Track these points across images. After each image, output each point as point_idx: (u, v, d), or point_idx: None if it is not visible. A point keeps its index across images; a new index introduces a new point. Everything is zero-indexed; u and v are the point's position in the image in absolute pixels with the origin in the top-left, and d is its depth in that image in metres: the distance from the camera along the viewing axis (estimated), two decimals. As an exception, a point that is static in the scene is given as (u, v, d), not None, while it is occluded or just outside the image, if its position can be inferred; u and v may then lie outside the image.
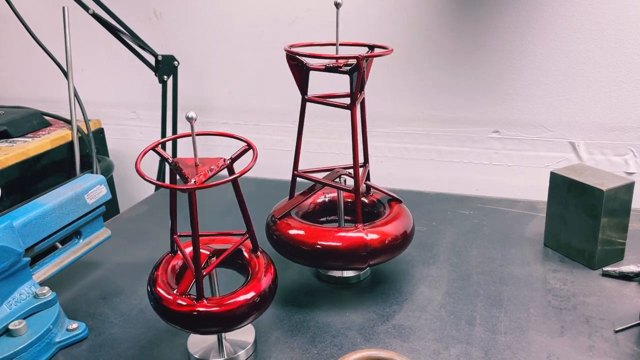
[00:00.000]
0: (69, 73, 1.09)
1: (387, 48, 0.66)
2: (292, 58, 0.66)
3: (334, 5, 0.66)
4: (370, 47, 0.70)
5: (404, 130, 1.24)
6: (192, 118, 0.54)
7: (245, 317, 0.58)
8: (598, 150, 1.11)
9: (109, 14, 1.18)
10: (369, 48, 0.70)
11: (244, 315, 0.58)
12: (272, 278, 0.61)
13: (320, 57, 0.64)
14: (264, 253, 0.64)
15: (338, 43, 0.69)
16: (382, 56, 0.65)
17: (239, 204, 0.60)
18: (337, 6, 0.66)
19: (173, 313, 0.57)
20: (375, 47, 0.69)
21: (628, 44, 1.02)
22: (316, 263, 0.71)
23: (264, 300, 0.59)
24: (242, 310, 0.57)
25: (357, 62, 0.63)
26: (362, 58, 0.63)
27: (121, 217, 1.03)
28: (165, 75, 1.25)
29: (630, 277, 0.73)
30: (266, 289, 0.59)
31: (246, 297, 0.58)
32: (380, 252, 0.68)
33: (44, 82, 1.54)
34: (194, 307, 0.56)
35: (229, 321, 0.57)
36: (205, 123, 1.40)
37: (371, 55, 0.65)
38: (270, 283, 0.60)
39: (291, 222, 0.70)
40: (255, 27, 1.28)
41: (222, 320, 0.57)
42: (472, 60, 1.14)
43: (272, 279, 0.61)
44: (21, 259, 0.66)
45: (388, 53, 0.65)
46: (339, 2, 0.66)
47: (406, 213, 0.73)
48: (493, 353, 0.61)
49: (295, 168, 0.72)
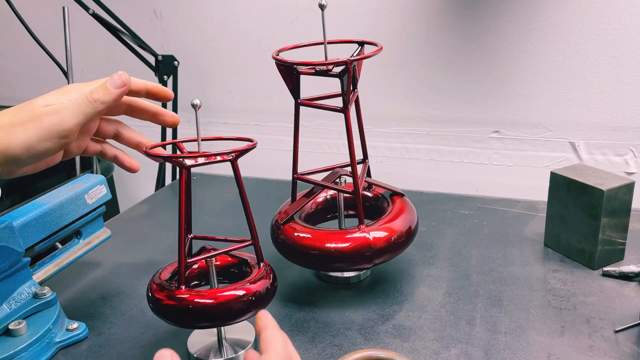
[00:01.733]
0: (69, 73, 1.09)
1: (377, 45, 0.66)
2: (281, 64, 0.66)
3: (319, 7, 0.66)
4: (360, 44, 0.69)
5: (404, 130, 1.24)
6: (197, 105, 0.54)
7: (213, 314, 0.56)
8: (598, 150, 1.11)
9: (109, 14, 1.18)
10: (359, 45, 0.69)
11: (210, 310, 0.56)
12: (262, 286, 0.59)
13: (307, 64, 0.64)
14: (267, 266, 0.62)
15: (326, 42, 0.68)
16: (372, 57, 0.64)
17: (244, 209, 0.59)
18: (322, 8, 0.66)
19: (152, 299, 0.58)
20: (365, 44, 0.69)
21: (628, 44, 1.02)
22: (322, 266, 0.71)
23: (233, 302, 0.56)
24: (209, 305, 0.55)
25: (346, 65, 0.62)
26: (350, 62, 0.62)
27: (121, 217, 1.03)
28: (165, 75, 1.26)
29: (630, 277, 0.73)
30: (247, 293, 0.57)
31: (226, 294, 0.56)
32: (386, 251, 0.67)
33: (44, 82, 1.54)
34: (170, 293, 0.56)
35: (198, 315, 0.56)
36: (205, 123, 1.40)
37: (359, 57, 0.64)
38: (257, 290, 0.58)
39: (295, 227, 0.70)
40: (256, 27, 1.28)
41: (192, 312, 0.56)
42: (472, 60, 1.14)
43: (257, 287, 0.58)
44: (21, 259, 0.66)
45: (377, 52, 0.64)
46: (324, 4, 0.66)
47: (410, 207, 0.73)
48: (493, 353, 0.61)
49: (294, 171, 0.72)
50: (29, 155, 0.53)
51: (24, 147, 0.52)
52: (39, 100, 0.54)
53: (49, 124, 0.52)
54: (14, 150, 0.52)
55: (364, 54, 0.67)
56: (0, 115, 0.53)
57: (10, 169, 0.54)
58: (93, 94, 0.55)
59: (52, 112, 0.53)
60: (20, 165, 0.54)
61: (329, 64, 0.64)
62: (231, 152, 0.55)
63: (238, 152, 0.55)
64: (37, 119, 0.52)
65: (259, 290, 0.58)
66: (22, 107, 0.54)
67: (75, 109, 0.54)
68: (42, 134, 0.52)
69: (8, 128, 0.52)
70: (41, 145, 0.52)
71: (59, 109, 0.53)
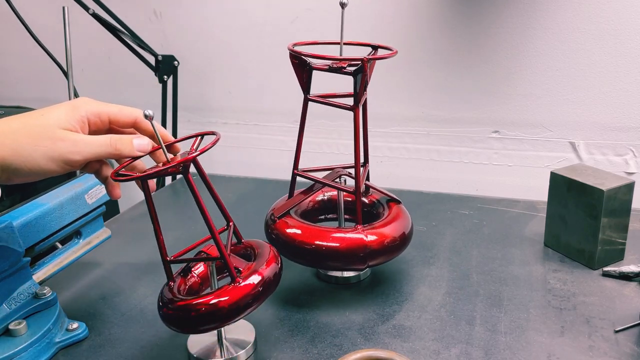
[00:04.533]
0: (69, 73, 1.09)
1: (392, 49, 0.66)
2: (295, 57, 0.66)
3: (340, 6, 0.65)
4: (374, 48, 0.69)
5: (404, 130, 1.24)
6: (150, 116, 0.51)
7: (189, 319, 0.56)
8: (598, 150, 1.11)
9: (109, 14, 1.18)
10: (373, 48, 0.69)
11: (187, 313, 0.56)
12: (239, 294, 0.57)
13: (326, 58, 0.64)
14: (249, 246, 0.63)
15: (342, 43, 0.69)
16: (387, 58, 0.65)
17: (215, 200, 0.58)
18: (343, 6, 0.65)
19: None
20: (379, 48, 0.69)
21: (628, 44, 1.02)
22: (315, 263, 0.71)
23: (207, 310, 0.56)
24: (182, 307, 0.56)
25: (362, 64, 0.63)
26: (367, 60, 0.62)
27: (121, 217, 1.03)
28: (165, 75, 1.25)
29: (630, 277, 0.73)
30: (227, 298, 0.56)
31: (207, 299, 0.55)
32: (379, 254, 0.68)
33: (44, 82, 1.54)
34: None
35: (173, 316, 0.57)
36: (205, 123, 1.40)
37: (376, 57, 0.64)
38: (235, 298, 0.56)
39: (290, 221, 0.70)
40: (256, 27, 1.28)
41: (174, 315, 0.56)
42: (472, 60, 1.14)
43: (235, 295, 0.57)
44: (21, 259, 0.66)
45: (393, 55, 0.65)
46: (345, 2, 0.65)
47: (405, 214, 0.73)
48: (493, 353, 0.61)
49: (295, 167, 0.72)
50: (31, 171, 0.52)
51: (29, 163, 0.51)
52: (53, 118, 0.52)
53: (62, 151, 0.51)
54: (18, 163, 0.51)
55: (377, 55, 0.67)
56: (10, 119, 0.52)
57: (8, 177, 0.53)
58: (117, 144, 0.54)
59: (69, 141, 0.52)
60: (19, 175, 0.53)
61: (345, 60, 0.64)
62: (178, 165, 0.53)
63: (183, 160, 0.53)
64: (51, 141, 0.51)
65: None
66: (35, 119, 0.52)
67: (93, 147, 0.53)
68: (51, 157, 0.51)
69: (16, 137, 0.51)
70: (47, 166, 0.52)
71: (77, 141, 0.52)
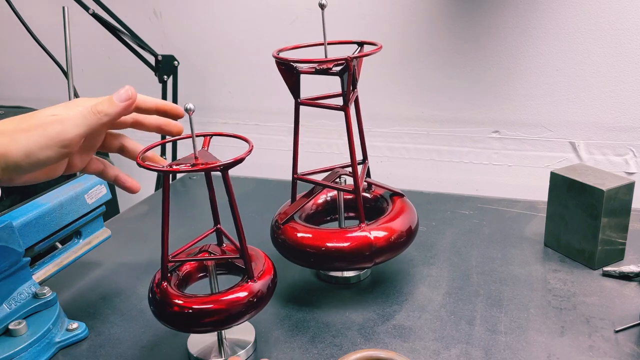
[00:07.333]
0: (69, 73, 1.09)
1: (376, 45, 0.66)
2: (281, 63, 0.66)
3: (319, 7, 0.66)
4: (359, 44, 0.69)
5: (404, 130, 1.24)
6: (190, 109, 0.53)
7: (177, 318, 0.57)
8: (598, 150, 1.11)
9: (109, 14, 1.18)
10: (358, 45, 0.69)
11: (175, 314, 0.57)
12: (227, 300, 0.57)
13: (310, 61, 0.64)
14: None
15: (326, 43, 0.69)
16: (371, 55, 0.65)
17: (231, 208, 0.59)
18: (322, 7, 0.66)
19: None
20: (365, 44, 0.69)
21: (628, 44, 1.02)
22: (322, 266, 0.71)
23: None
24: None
25: (347, 63, 0.63)
26: (351, 59, 0.62)
27: (121, 217, 1.03)
28: (165, 75, 1.26)
29: (630, 277, 0.73)
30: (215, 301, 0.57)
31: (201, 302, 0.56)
32: (386, 250, 0.67)
33: (44, 82, 1.54)
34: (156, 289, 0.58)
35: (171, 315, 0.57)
36: (205, 123, 1.40)
37: (360, 55, 0.64)
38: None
39: (295, 226, 0.70)
40: (256, 27, 1.28)
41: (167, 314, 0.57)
42: (472, 60, 1.14)
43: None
44: (21, 259, 0.66)
45: (377, 51, 0.65)
46: (324, 3, 0.66)
47: (410, 208, 0.73)
48: (493, 353, 0.61)
49: (294, 172, 0.72)
50: (29, 162, 0.53)
51: (24, 154, 0.52)
52: (45, 111, 0.55)
53: (52, 132, 0.53)
54: (15, 156, 0.52)
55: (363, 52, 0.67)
56: (6, 121, 0.54)
57: (10, 176, 0.54)
58: (98, 106, 0.56)
59: (57, 121, 0.54)
60: (20, 172, 0.54)
61: (328, 62, 0.64)
62: (220, 164, 0.54)
63: (227, 164, 0.54)
64: (41, 127, 0.53)
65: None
66: (29, 115, 0.55)
67: (79, 120, 0.55)
68: (44, 142, 0.53)
69: (12, 134, 0.53)
70: (42, 153, 0.53)
71: (63, 119, 0.54)
